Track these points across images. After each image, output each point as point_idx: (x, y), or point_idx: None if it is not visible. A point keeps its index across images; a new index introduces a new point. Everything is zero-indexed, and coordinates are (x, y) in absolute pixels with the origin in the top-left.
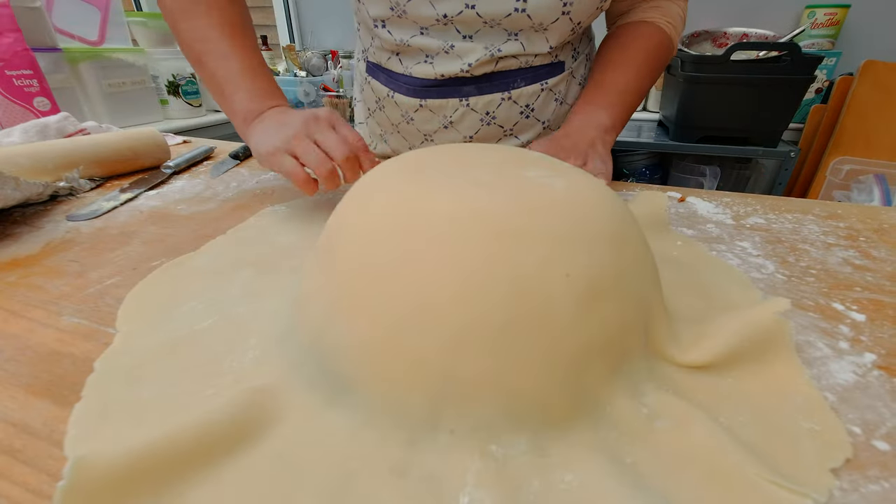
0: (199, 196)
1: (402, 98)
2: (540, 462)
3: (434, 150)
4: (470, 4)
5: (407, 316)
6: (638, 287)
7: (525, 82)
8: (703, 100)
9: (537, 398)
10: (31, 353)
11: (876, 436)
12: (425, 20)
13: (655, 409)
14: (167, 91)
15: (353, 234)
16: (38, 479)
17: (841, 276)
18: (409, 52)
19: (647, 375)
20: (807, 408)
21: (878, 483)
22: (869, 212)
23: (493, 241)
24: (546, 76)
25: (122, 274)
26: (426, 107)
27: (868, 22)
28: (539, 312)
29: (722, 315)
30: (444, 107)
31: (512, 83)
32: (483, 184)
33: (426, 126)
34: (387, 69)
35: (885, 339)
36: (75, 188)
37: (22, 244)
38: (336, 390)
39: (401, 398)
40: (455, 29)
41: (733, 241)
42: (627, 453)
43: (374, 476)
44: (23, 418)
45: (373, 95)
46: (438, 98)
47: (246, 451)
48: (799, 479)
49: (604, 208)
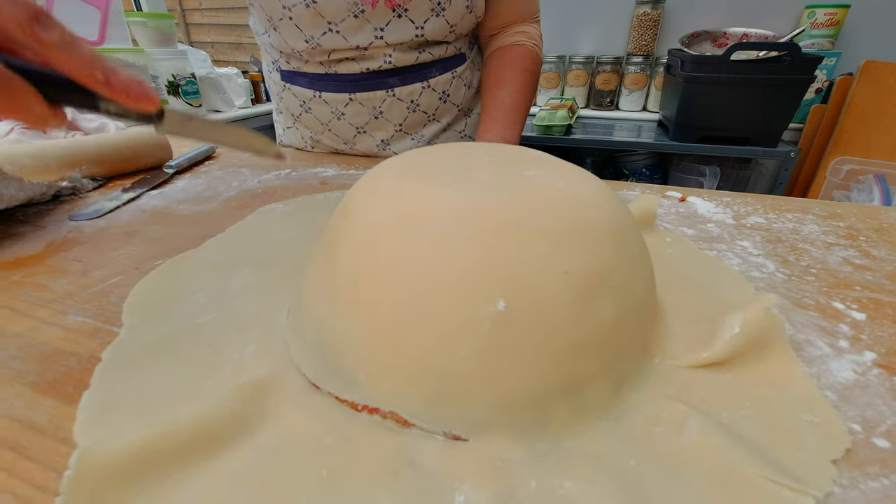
0: (200, 196)
1: (331, 95)
2: (537, 465)
3: (433, 149)
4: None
5: (407, 313)
6: (636, 286)
7: (439, 72)
8: (703, 100)
9: (534, 397)
10: (36, 352)
11: (876, 433)
12: (340, 52)
13: (654, 410)
14: (167, 91)
15: (354, 232)
16: (45, 476)
17: (841, 276)
18: (335, 53)
19: (645, 374)
20: (805, 401)
21: (878, 480)
22: (869, 211)
23: (493, 239)
24: (454, 65)
25: (124, 273)
26: (356, 100)
27: (868, 22)
28: (538, 310)
29: (715, 311)
30: (373, 98)
31: (429, 73)
32: (483, 182)
33: (358, 119)
34: (306, 73)
35: (884, 337)
36: (78, 188)
37: (25, 243)
38: (336, 386)
39: (400, 396)
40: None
41: (734, 240)
42: (629, 456)
43: (370, 474)
44: (28, 415)
45: (295, 100)
46: (367, 91)
47: (242, 445)
48: (800, 472)
49: (603, 207)
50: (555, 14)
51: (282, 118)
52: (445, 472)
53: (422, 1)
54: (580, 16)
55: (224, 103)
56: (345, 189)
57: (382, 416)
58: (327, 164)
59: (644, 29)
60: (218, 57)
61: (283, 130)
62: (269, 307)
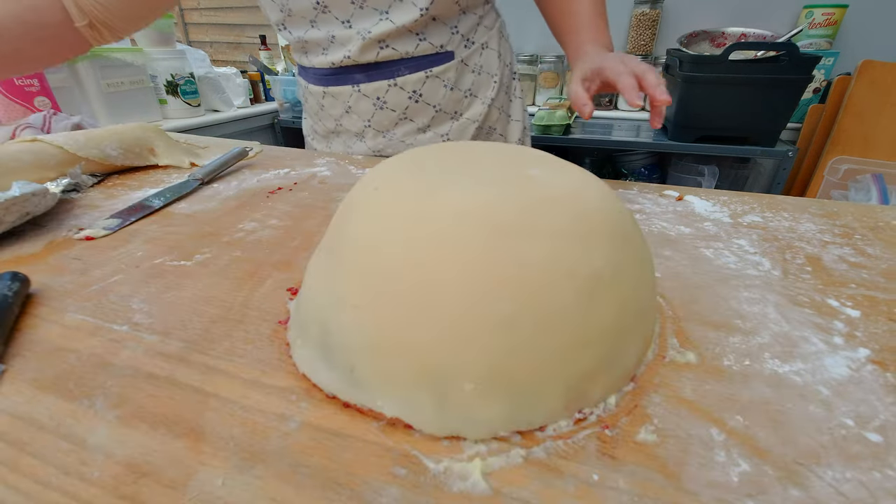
0: (200, 194)
1: (313, 87)
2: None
3: (437, 147)
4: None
5: (410, 314)
6: (638, 285)
7: (409, 71)
8: (702, 99)
9: (538, 397)
10: (36, 349)
11: (869, 428)
12: (307, 11)
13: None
14: (166, 91)
15: (357, 232)
16: (46, 472)
17: (836, 273)
18: (309, 46)
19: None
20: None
21: (870, 474)
22: (864, 210)
23: (497, 238)
24: (430, 65)
25: (124, 272)
26: (329, 94)
27: (866, 22)
28: (542, 310)
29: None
30: (342, 93)
31: (396, 71)
32: (486, 181)
33: (334, 111)
34: (300, 65)
35: (878, 334)
36: (80, 184)
37: (25, 242)
38: (339, 388)
39: (404, 397)
40: (334, 17)
41: (730, 238)
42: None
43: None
44: (29, 412)
45: (300, 90)
46: (336, 85)
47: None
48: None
49: (606, 206)
50: None
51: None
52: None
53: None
54: None
55: (223, 103)
56: (349, 187)
57: (389, 424)
58: (327, 163)
59: (642, 29)
60: (217, 56)
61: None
62: None
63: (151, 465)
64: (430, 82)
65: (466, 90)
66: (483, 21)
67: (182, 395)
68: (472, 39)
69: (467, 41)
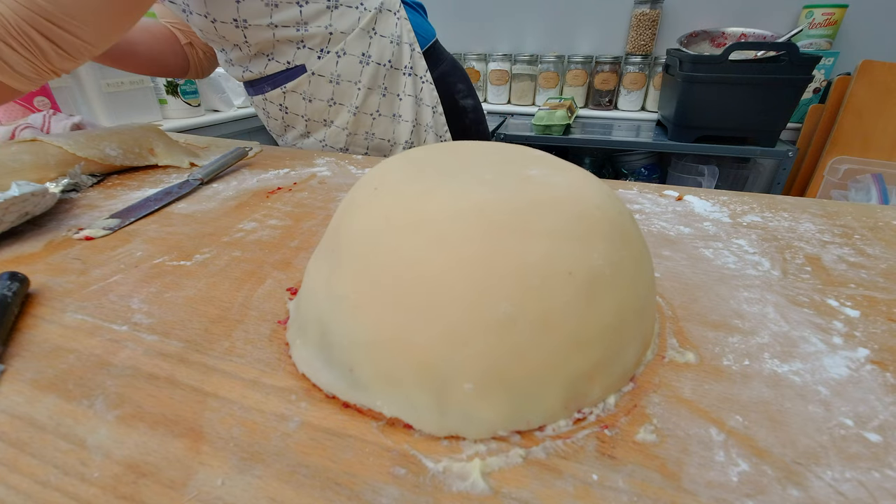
0: (199, 194)
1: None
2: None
3: (436, 148)
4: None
5: (411, 314)
6: (638, 285)
7: (270, 87)
8: (702, 99)
9: (538, 397)
10: (35, 349)
11: (868, 428)
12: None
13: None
14: (165, 91)
15: (357, 232)
16: (45, 471)
17: (835, 273)
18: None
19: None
20: None
21: (869, 474)
22: (864, 210)
23: (497, 238)
24: (284, 81)
25: (124, 272)
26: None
27: (866, 22)
28: (542, 310)
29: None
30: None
31: (262, 89)
32: (485, 181)
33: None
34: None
35: (878, 334)
36: (79, 184)
37: (24, 242)
38: (339, 388)
39: (404, 398)
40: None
41: (730, 238)
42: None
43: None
44: (29, 412)
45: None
46: (253, 95)
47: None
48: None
49: (605, 206)
50: (553, 14)
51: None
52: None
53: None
54: (579, 16)
55: (223, 103)
56: (349, 187)
57: (389, 424)
58: (326, 163)
59: (643, 29)
60: None
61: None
62: None
63: (151, 464)
64: (289, 96)
65: (329, 99)
66: (335, 26)
67: (181, 394)
68: (325, 49)
69: (320, 51)
